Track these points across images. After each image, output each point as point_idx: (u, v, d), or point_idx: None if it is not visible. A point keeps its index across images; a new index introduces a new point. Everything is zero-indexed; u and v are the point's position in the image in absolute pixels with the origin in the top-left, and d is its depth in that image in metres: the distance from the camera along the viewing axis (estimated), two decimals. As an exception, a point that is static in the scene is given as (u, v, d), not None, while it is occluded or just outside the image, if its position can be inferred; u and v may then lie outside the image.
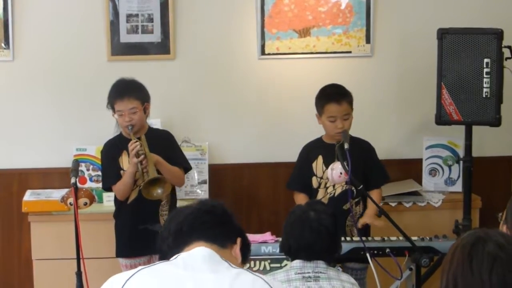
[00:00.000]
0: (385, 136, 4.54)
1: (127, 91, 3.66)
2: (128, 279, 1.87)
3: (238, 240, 2.02)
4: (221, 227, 2.00)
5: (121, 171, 3.70)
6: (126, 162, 3.68)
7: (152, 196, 3.57)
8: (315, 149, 3.77)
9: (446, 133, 4.42)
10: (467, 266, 1.65)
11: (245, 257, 2.03)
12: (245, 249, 2.04)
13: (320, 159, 3.72)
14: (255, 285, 1.85)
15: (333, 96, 3.68)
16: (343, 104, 3.66)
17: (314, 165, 3.73)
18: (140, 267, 1.92)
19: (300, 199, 3.69)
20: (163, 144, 3.76)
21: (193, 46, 4.46)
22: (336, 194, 3.69)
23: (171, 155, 3.73)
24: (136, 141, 3.58)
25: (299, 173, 3.79)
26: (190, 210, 2.03)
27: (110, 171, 3.75)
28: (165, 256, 1.98)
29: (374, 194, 3.72)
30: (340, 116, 3.64)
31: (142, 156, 3.57)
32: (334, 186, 3.67)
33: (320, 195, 3.71)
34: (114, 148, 3.76)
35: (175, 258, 1.92)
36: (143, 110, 3.67)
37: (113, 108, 3.68)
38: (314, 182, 3.72)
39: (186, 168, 3.82)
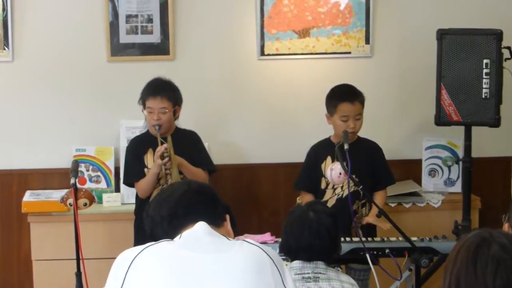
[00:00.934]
0: (385, 136, 4.53)
1: (162, 90, 3.67)
2: (136, 256, 1.88)
3: (227, 217, 2.06)
4: (213, 206, 2.04)
5: (145, 169, 3.70)
6: (151, 160, 3.69)
7: None
8: (324, 149, 3.75)
9: (445, 134, 4.42)
10: (471, 268, 1.64)
11: (234, 232, 2.10)
12: (233, 224, 2.10)
13: (329, 160, 3.71)
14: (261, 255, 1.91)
15: (346, 96, 3.68)
16: (356, 104, 3.67)
17: (322, 166, 3.72)
18: (147, 244, 1.93)
19: (308, 199, 3.68)
20: (189, 145, 3.77)
21: (192, 47, 4.46)
22: (344, 195, 3.68)
23: (195, 157, 3.74)
24: (163, 145, 3.58)
25: (306, 173, 3.78)
26: (179, 192, 2.04)
27: (134, 167, 3.75)
28: (157, 239, 1.98)
29: (379, 195, 3.73)
30: (352, 116, 3.64)
31: (167, 159, 3.57)
32: (342, 187, 3.66)
33: (327, 196, 3.70)
34: (140, 145, 3.77)
35: (179, 237, 1.92)
36: (173, 113, 3.68)
37: (144, 104, 3.68)
38: (323, 183, 3.72)
39: (211, 170, 3.82)
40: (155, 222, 2.03)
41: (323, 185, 3.71)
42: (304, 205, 2.76)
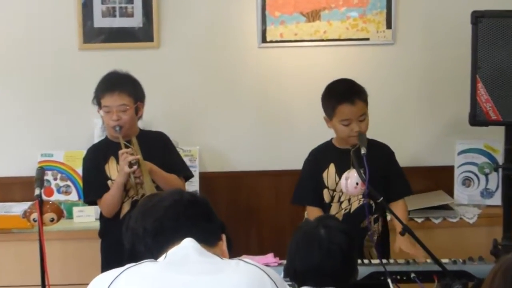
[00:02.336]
0: (409, 139, 4.54)
1: (119, 85, 3.66)
2: (113, 280, 1.88)
3: (223, 237, 2.06)
4: (206, 222, 2.04)
5: (109, 181, 3.69)
6: (114, 170, 3.67)
7: None
8: (325, 155, 3.73)
9: (482, 136, 4.43)
10: None
11: (230, 254, 2.10)
12: (229, 245, 2.10)
13: (332, 168, 3.69)
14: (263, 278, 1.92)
15: (345, 96, 3.62)
16: (357, 104, 3.60)
17: (325, 175, 3.70)
18: (127, 266, 1.92)
19: (316, 214, 3.63)
20: (158, 148, 3.75)
21: (180, 32, 4.47)
22: (352, 210, 3.67)
23: (167, 161, 3.73)
24: (128, 148, 3.58)
25: (309, 184, 3.76)
26: (168, 202, 2.03)
27: (94, 181, 3.72)
28: (139, 258, 1.98)
29: (399, 207, 3.68)
30: (355, 118, 3.60)
31: (135, 167, 3.56)
32: (349, 200, 3.65)
33: (333, 211, 3.68)
34: (99, 154, 3.75)
35: (164, 257, 1.92)
36: (134, 110, 3.67)
37: (99, 104, 3.67)
38: (326, 195, 3.69)
39: (187, 176, 3.83)
40: (136, 236, 2.01)
41: (326, 199, 3.69)
42: (313, 220, 2.76)
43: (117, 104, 3.62)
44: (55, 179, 4.40)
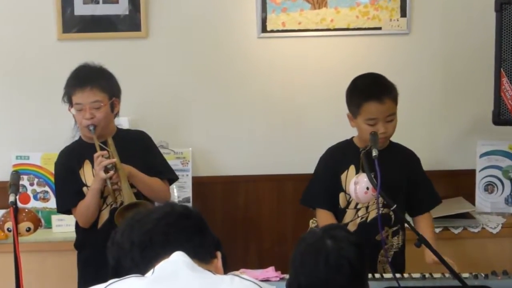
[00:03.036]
0: (425, 139, 4.53)
1: (91, 80, 3.64)
2: None
3: (218, 254, 2.06)
4: (200, 237, 2.04)
5: (84, 188, 3.68)
6: (90, 176, 3.66)
7: None
8: (346, 155, 3.70)
9: (506, 136, 4.43)
10: None
11: (225, 271, 2.09)
12: (224, 264, 2.09)
13: (352, 169, 3.67)
14: None
15: (373, 92, 3.60)
16: (386, 102, 3.59)
17: (343, 177, 3.68)
18: (110, 281, 1.93)
19: (327, 219, 3.63)
20: (138, 149, 3.74)
21: (171, 21, 4.46)
22: (369, 219, 3.66)
23: (149, 163, 3.72)
24: (104, 151, 3.57)
25: (322, 184, 3.74)
26: (158, 215, 2.04)
27: (68, 188, 3.70)
28: (124, 274, 1.98)
29: (425, 220, 3.70)
30: (382, 118, 3.59)
31: (112, 172, 3.55)
32: (367, 208, 3.64)
33: (348, 218, 3.67)
34: (72, 157, 3.74)
35: (152, 272, 1.93)
36: (110, 107, 3.66)
37: (70, 101, 3.66)
38: (342, 199, 3.68)
39: (171, 179, 3.82)
40: (122, 250, 2.02)
41: (342, 203, 3.69)
42: (319, 230, 2.75)
43: (89, 100, 3.60)
44: (32, 184, 4.39)
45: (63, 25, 4.40)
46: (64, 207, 3.74)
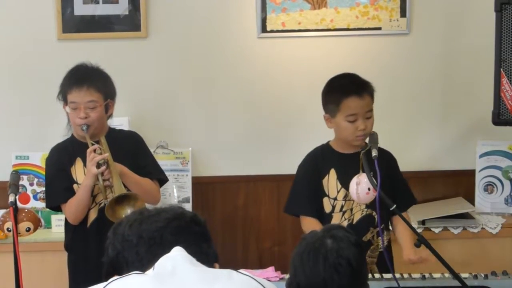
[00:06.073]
0: (425, 140, 4.54)
1: (87, 80, 3.66)
2: None
3: (217, 266, 2.07)
4: (206, 245, 2.06)
5: (75, 185, 3.70)
6: (81, 173, 3.68)
7: (119, 218, 3.56)
8: (325, 160, 3.72)
9: (506, 136, 4.43)
10: None
11: None
12: None
13: (332, 173, 3.69)
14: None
15: (351, 88, 3.64)
16: (365, 97, 3.63)
17: (325, 182, 3.69)
18: (111, 279, 1.93)
19: (312, 226, 3.63)
20: (129, 149, 3.76)
21: (171, 21, 4.47)
22: (355, 221, 3.67)
23: (140, 163, 3.74)
24: (95, 147, 3.58)
25: (305, 191, 3.76)
26: (169, 215, 2.06)
27: (58, 184, 3.72)
28: (120, 266, 2.00)
29: (401, 220, 3.73)
30: (362, 113, 3.62)
31: (104, 167, 3.57)
32: (352, 210, 3.66)
33: (334, 222, 3.68)
34: (64, 155, 3.75)
35: (152, 269, 1.94)
36: (104, 108, 3.67)
37: (65, 99, 3.68)
38: (326, 204, 3.69)
39: (161, 179, 3.83)
40: (127, 243, 2.03)
41: (327, 208, 3.69)
42: (320, 231, 2.76)
43: (85, 100, 3.62)
44: (31, 184, 4.40)
45: (63, 25, 4.40)
46: (53, 203, 3.76)
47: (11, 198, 3.45)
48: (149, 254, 2.00)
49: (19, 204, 3.56)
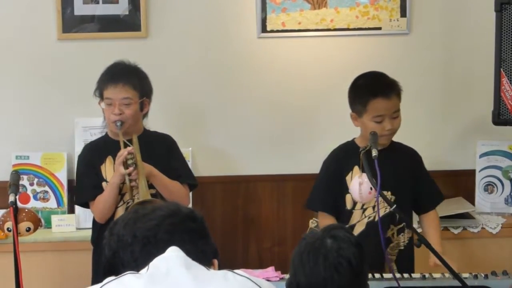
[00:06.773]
0: (424, 139, 4.53)
1: (124, 77, 3.68)
2: None
3: (215, 262, 2.07)
4: (202, 241, 2.05)
5: (104, 183, 3.71)
6: (110, 172, 3.69)
7: None
8: (349, 156, 3.70)
9: (506, 136, 4.43)
10: None
11: None
12: None
13: (356, 170, 3.67)
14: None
15: (379, 89, 3.62)
16: (392, 99, 3.62)
17: (348, 178, 3.70)
18: (106, 280, 1.94)
19: (328, 223, 3.62)
20: (162, 151, 3.77)
21: (171, 21, 4.47)
22: (376, 218, 3.66)
23: (171, 166, 3.74)
24: (130, 149, 3.59)
25: (325, 188, 3.75)
26: (164, 212, 2.05)
27: (87, 181, 3.73)
28: (117, 266, 1.99)
29: (432, 217, 3.74)
30: (389, 114, 3.61)
31: (131, 168, 3.57)
32: (374, 207, 3.65)
33: (355, 219, 3.67)
34: (95, 153, 3.77)
35: (146, 269, 1.93)
36: (139, 106, 3.69)
37: (101, 95, 3.69)
38: (348, 201, 3.69)
39: (192, 184, 3.82)
40: (122, 242, 2.03)
41: (349, 205, 3.69)
42: (320, 230, 2.76)
43: (120, 97, 3.64)
44: (32, 184, 4.39)
45: (63, 25, 4.40)
46: (82, 200, 3.79)
47: (11, 198, 3.45)
48: (143, 253, 2.00)
49: (19, 204, 3.55)
